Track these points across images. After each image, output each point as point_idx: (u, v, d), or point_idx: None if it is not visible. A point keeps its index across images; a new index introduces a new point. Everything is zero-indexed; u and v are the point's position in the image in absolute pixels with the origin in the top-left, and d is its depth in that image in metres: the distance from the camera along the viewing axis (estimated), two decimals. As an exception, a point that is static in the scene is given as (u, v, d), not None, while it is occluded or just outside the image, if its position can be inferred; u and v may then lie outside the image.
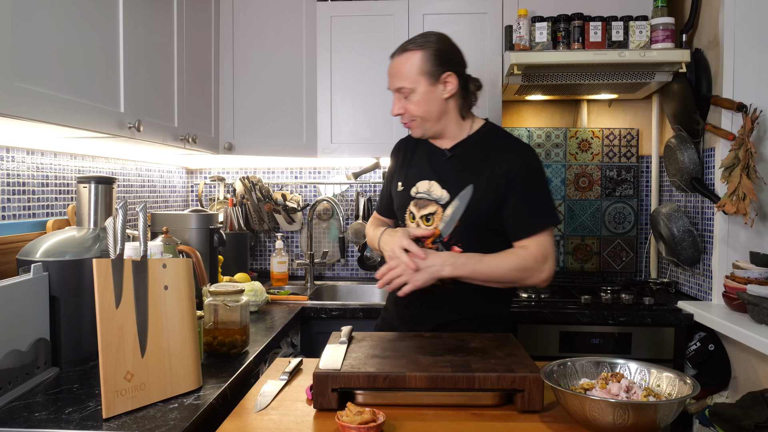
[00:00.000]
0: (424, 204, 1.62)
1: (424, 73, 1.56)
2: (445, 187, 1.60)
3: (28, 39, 1.24)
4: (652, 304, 2.25)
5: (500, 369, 1.17)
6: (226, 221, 2.73)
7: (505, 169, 1.55)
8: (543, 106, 2.90)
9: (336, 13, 2.57)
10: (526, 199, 1.55)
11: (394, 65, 1.60)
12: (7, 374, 1.21)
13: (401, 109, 1.60)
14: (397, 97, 1.61)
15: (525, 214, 1.55)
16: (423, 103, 1.57)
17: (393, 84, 1.60)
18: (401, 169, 1.72)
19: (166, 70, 1.95)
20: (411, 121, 1.61)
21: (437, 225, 1.59)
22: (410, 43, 1.59)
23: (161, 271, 1.24)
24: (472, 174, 1.58)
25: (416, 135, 1.65)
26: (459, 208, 1.56)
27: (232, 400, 1.32)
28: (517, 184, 1.55)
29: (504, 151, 1.58)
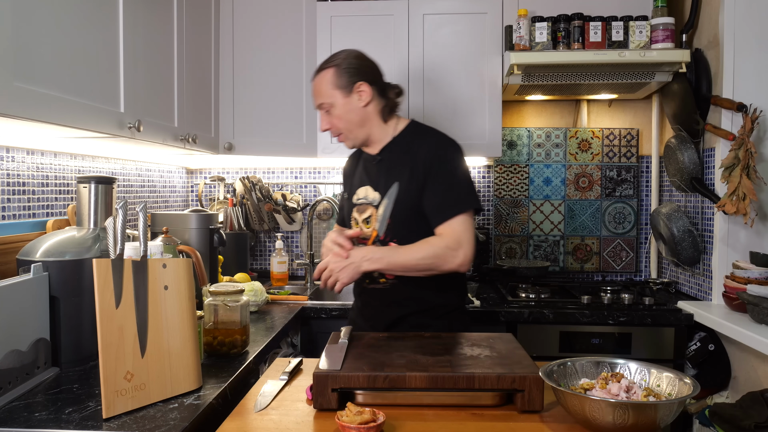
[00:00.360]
0: (363, 209, 1.74)
1: (337, 87, 1.68)
2: (376, 189, 1.71)
3: (29, 39, 1.24)
4: (652, 304, 2.25)
5: (500, 369, 1.16)
6: (226, 221, 2.73)
7: (422, 159, 1.64)
8: (543, 106, 2.90)
9: (336, 13, 2.57)
10: (440, 186, 1.62)
11: (314, 85, 1.73)
12: (7, 374, 1.21)
13: (328, 124, 1.73)
14: (322, 114, 1.73)
15: (439, 200, 1.62)
16: (343, 115, 1.69)
17: (315, 103, 1.74)
18: (347, 179, 1.87)
19: (166, 70, 1.95)
20: (339, 134, 1.73)
21: (375, 225, 1.69)
22: (323, 63, 1.73)
23: (161, 271, 1.24)
24: (398, 172, 1.67)
25: (348, 146, 1.77)
26: (388, 206, 1.67)
27: (232, 400, 1.32)
28: (432, 172, 1.62)
29: (422, 144, 1.68)
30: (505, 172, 2.88)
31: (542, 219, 2.87)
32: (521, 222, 2.88)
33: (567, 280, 2.82)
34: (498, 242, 2.90)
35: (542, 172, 2.87)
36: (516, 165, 2.88)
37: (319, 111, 1.74)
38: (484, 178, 2.92)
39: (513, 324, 2.20)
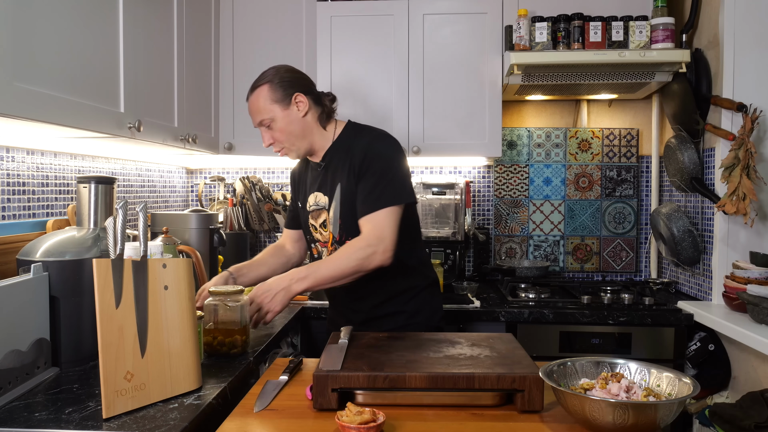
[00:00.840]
0: (317, 214, 1.77)
1: (274, 101, 1.68)
2: (325, 194, 1.74)
3: (29, 39, 1.24)
4: (652, 304, 2.25)
5: (500, 369, 1.16)
6: (226, 221, 2.73)
7: (358, 159, 1.66)
8: (543, 106, 2.90)
9: (336, 13, 2.57)
10: (370, 180, 1.63)
11: (250, 104, 1.71)
12: (7, 374, 1.21)
13: (270, 139, 1.71)
14: (263, 131, 1.71)
15: (367, 193, 1.63)
16: (285, 127, 1.68)
17: (255, 121, 1.71)
18: (297, 190, 1.88)
19: (166, 70, 1.95)
20: (282, 148, 1.72)
21: (330, 228, 1.74)
22: (254, 82, 1.71)
23: (161, 271, 1.24)
24: (341, 174, 1.70)
25: (293, 158, 1.77)
26: (336, 208, 1.70)
27: (232, 400, 1.32)
28: (365, 167, 1.65)
29: (357, 144, 1.70)
30: (505, 172, 2.89)
31: (542, 219, 2.87)
32: (521, 222, 2.88)
33: (567, 280, 2.82)
34: (498, 242, 2.90)
35: (542, 172, 2.87)
36: (516, 165, 2.88)
37: (260, 128, 1.73)
38: (484, 178, 2.92)
39: (513, 324, 2.20)
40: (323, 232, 1.76)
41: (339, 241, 1.72)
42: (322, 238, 1.77)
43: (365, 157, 1.65)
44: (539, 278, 2.65)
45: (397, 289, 1.74)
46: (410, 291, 1.76)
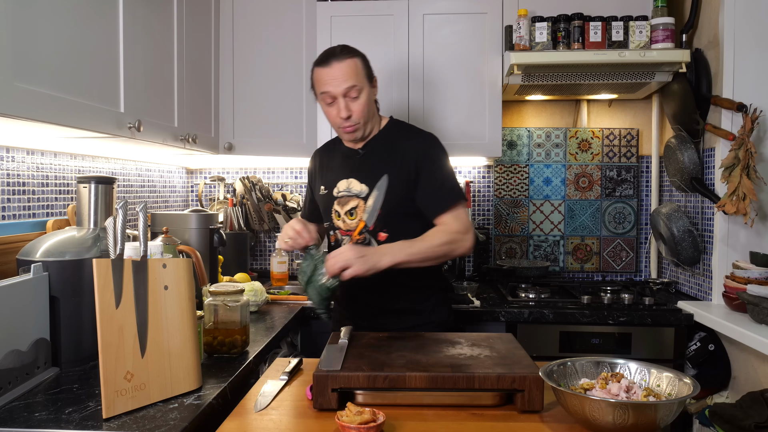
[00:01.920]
0: (345, 201, 1.75)
1: (365, 76, 1.70)
2: (363, 182, 1.73)
3: (29, 39, 1.24)
4: (652, 304, 2.25)
5: (500, 369, 1.17)
6: (226, 221, 2.73)
7: (413, 155, 1.71)
8: (543, 106, 2.90)
9: (336, 13, 2.57)
10: (436, 179, 1.71)
11: (339, 69, 1.66)
12: (7, 374, 1.21)
13: (349, 111, 1.68)
14: (342, 101, 1.67)
15: (437, 192, 1.70)
16: (366, 105, 1.70)
17: (341, 86, 1.66)
18: (321, 174, 1.86)
19: (166, 70, 1.95)
20: (355, 124, 1.70)
21: (361, 217, 1.72)
22: (344, 50, 1.70)
23: (161, 271, 1.24)
24: (386, 165, 1.71)
25: (357, 137, 1.75)
26: (378, 198, 1.70)
27: (232, 400, 1.32)
28: (426, 168, 1.71)
29: (410, 140, 1.75)
30: (505, 172, 2.88)
31: (542, 219, 2.87)
32: (521, 222, 2.88)
33: (567, 280, 2.82)
34: (498, 242, 2.90)
35: (542, 172, 2.87)
36: (516, 165, 2.88)
37: (337, 99, 1.68)
38: (484, 178, 2.92)
39: (513, 324, 2.20)
40: (348, 220, 1.75)
41: (371, 231, 1.72)
42: (344, 225, 1.75)
43: (425, 156, 1.71)
44: (539, 278, 2.65)
45: (415, 285, 1.76)
46: (426, 290, 1.80)
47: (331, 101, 1.69)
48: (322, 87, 1.69)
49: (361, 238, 1.73)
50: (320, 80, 1.70)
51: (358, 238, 1.73)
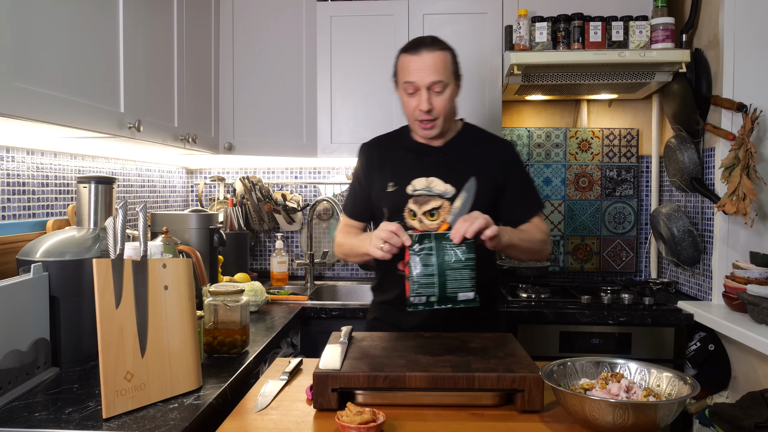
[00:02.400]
0: (425, 200, 1.64)
1: (453, 72, 1.63)
2: (448, 182, 1.64)
3: (29, 39, 1.24)
4: (652, 304, 2.25)
5: (500, 369, 1.17)
6: (226, 221, 2.73)
7: (501, 160, 1.69)
8: (543, 106, 2.90)
9: (336, 13, 2.57)
10: (522, 186, 1.71)
11: (427, 60, 1.58)
12: (7, 374, 1.21)
13: (431, 105, 1.59)
14: (425, 94, 1.58)
15: (523, 198, 1.70)
16: (449, 101, 1.62)
17: (427, 78, 1.57)
18: (382, 170, 1.72)
19: (166, 70, 1.95)
20: (435, 119, 1.62)
21: (444, 218, 1.62)
22: (436, 41, 1.62)
23: (161, 271, 1.24)
24: (471, 167, 1.64)
25: (434, 134, 1.66)
26: (468, 200, 1.58)
27: (232, 400, 1.32)
28: (514, 173, 1.69)
29: (493, 144, 1.73)
30: (505, 172, 2.88)
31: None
32: (521, 222, 2.88)
33: (567, 280, 2.82)
34: (498, 242, 2.89)
35: (542, 172, 2.87)
36: (516, 165, 2.88)
37: (420, 91, 1.59)
38: (484, 178, 2.92)
39: (513, 324, 2.20)
40: (427, 220, 1.64)
41: None
42: (420, 226, 1.63)
43: (512, 162, 1.70)
44: (539, 278, 2.65)
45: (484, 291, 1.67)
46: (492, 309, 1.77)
47: (413, 92, 1.60)
48: (407, 76, 1.60)
49: None
50: (405, 68, 1.61)
51: None
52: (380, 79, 2.56)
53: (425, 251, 1.33)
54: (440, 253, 1.33)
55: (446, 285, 1.32)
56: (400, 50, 1.65)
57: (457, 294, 1.32)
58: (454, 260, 1.32)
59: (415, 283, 1.30)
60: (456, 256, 1.33)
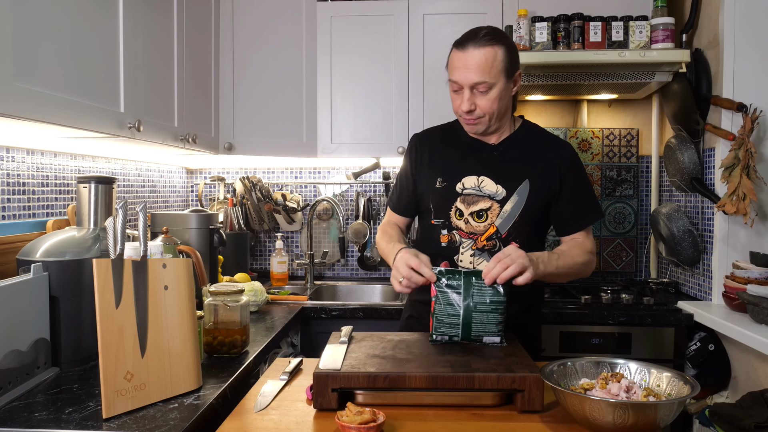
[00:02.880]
0: (473, 200, 1.57)
1: (504, 70, 1.50)
2: (499, 183, 1.57)
3: (29, 39, 1.25)
4: (652, 304, 2.25)
5: (500, 369, 1.16)
6: (226, 221, 2.73)
7: (558, 164, 1.58)
8: (543, 106, 2.90)
9: (336, 13, 2.57)
10: (579, 194, 1.60)
11: (473, 58, 1.47)
12: (7, 374, 1.21)
13: (473, 105, 1.51)
14: (467, 93, 1.50)
15: (580, 208, 1.60)
16: (497, 100, 1.51)
17: (470, 78, 1.48)
18: (431, 164, 1.64)
19: (166, 70, 1.95)
20: (478, 117, 1.53)
21: (493, 221, 1.56)
22: (487, 36, 1.49)
23: (161, 271, 1.24)
24: (526, 169, 1.57)
25: (478, 130, 1.58)
26: (519, 204, 1.55)
27: (232, 400, 1.32)
28: (570, 179, 1.58)
29: (551, 146, 1.61)
30: (505, 172, 2.88)
31: (542, 219, 2.87)
32: (521, 222, 2.88)
33: (567, 280, 2.82)
34: (498, 242, 2.90)
35: (542, 172, 2.87)
36: (516, 165, 2.88)
37: (461, 89, 1.51)
38: (484, 178, 2.92)
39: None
40: (474, 221, 1.56)
41: (503, 239, 1.55)
42: (466, 227, 1.56)
43: (570, 167, 1.59)
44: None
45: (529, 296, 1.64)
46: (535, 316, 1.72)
47: (458, 89, 1.52)
48: (452, 74, 1.52)
49: (488, 244, 1.55)
50: (452, 65, 1.52)
51: (484, 244, 1.55)
52: (380, 79, 2.56)
53: (453, 289, 1.28)
54: (468, 292, 1.28)
55: (471, 327, 1.27)
56: (454, 42, 1.54)
57: (481, 337, 1.29)
58: (482, 302, 1.27)
59: (439, 321, 1.27)
60: (484, 298, 1.27)
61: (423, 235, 1.68)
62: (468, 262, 1.56)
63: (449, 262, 1.49)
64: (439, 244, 1.59)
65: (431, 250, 1.53)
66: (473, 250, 1.56)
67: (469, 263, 1.56)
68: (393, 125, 2.58)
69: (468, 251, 1.56)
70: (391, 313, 2.25)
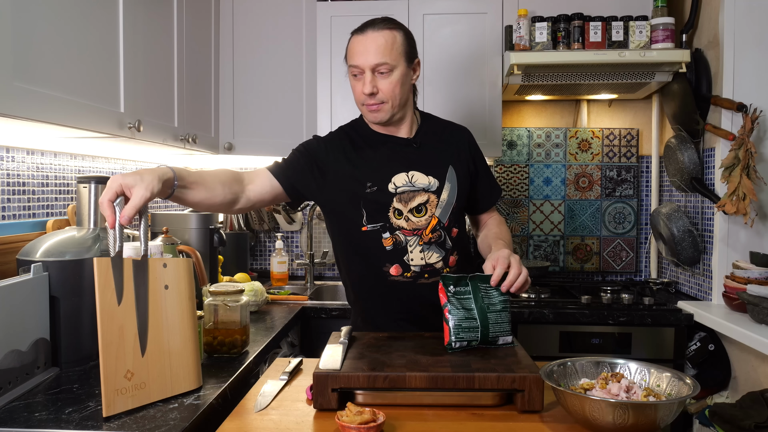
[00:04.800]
0: (410, 196, 1.55)
1: (404, 54, 1.53)
2: (429, 174, 1.57)
3: (29, 39, 1.24)
4: (652, 304, 2.25)
5: (500, 369, 1.16)
6: (226, 221, 2.73)
7: (466, 145, 1.68)
8: (543, 106, 2.90)
9: (336, 13, 2.57)
10: (488, 172, 1.72)
11: (373, 40, 1.49)
12: (7, 374, 1.21)
13: (374, 88, 1.51)
14: (369, 76, 1.51)
15: (490, 185, 1.73)
16: (398, 85, 1.52)
17: (370, 60, 1.49)
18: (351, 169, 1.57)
19: (166, 70, 1.95)
20: (381, 103, 1.53)
21: (433, 212, 1.56)
22: (384, 22, 1.52)
23: (161, 271, 1.24)
24: (446, 156, 1.63)
25: (381, 118, 1.56)
26: (452, 190, 1.59)
27: (232, 400, 1.32)
28: (479, 158, 1.70)
29: (454, 131, 1.70)
30: (505, 172, 2.88)
31: (542, 219, 2.87)
32: (521, 222, 2.88)
33: (567, 280, 2.82)
34: (498, 242, 2.90)
35: (542, 172, 2.87)
36: (516, 165, 2.88)
37: (364, 73, 1.51)
38: (484, 178, 2.92)
39: (513, 324, 2.20)
40: (414, 217, 1.55)
41: (446, 228, 1.57)
42: (408, 224, 1.55)
43: (476, 147, 1.71)
44: (539, 278, 2.65)
45: None
46: None
47: (358, 73, 1.53)
48: (352, 59, 1.53)
49: (434, 236, 1.55)
50: (351, 50, 1.53)
51: (429, 237, 1.55)
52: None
53: (463, 294, 1.30)
54: (477, 296, 1.30)
55: (489, 329, 1.29)
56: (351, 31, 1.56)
57: (497, 338, 1.31)
58: (491, 303, 1.30)
59: (458, 327, 1.27)
60: (493, 299, 1.31)
61: (353, 245, 1.60)
62: (419, 258, 1.55)
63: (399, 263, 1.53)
64: (384, 249, 1.55)
65: (375, 258, 1.54)
66: (421, 246, 1.56)
67: (420, 259, 1.56)
68: (393, 125, 2.58)
69: (416, 248, 1.56)
70: (391, 313, 2.25)
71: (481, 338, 1.29)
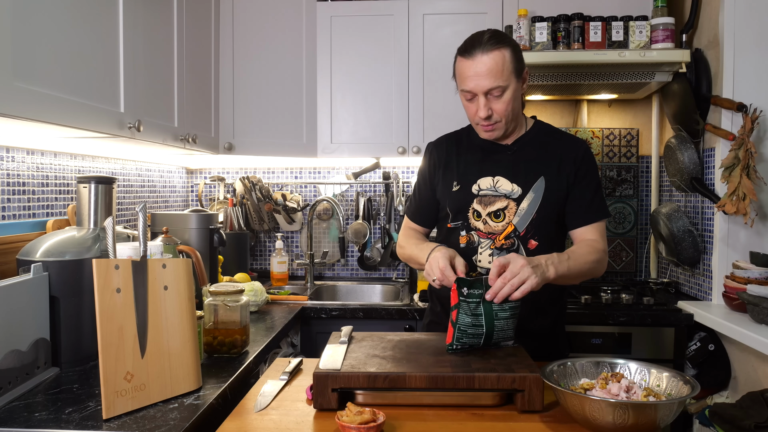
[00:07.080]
0: (490, 200, 1.58)
1: (514, 70, 1.49)
2: (515, 182, 1.57)
3: (29, 39, 1.25)
4: (652, 304, 2.25)
5: (500, 369, 1.16)
6: (226, 221, 2.73)
7: (572, 159, 1.58)
8: (543, 106, 2.90)
9: (336, 13, 2.57)
10: (590, 188, 1.58)
11: (483, 64, 1.46)
12: (7, 374, 1.21)
13: (490, 110, 1.50)
14: (482, 99, 1.49)
15: (588, 202, 1.58)
16: (512, 102, 1.50)
17: (484, 85, 1.47)
18: (447, 169, 1.65)
19: (166, 70, 1.95)
20: (495, 123, 1.53)
21: (510, 219, 1.56)
22: (492, 39, 1.48)
23: (161, 271, 1.24)
24: (541, 166, 1.58)
25: (496, 135, 1.57)
26: (535, 201, 1.55)
27: (232, 400, 1.32)
28: (585, 174, 1.58)
29: (565, 143, 1.62)
30: (505, 172, 2.88)
31: (542, 219, 2.87)
32: (521, 222, 2.88)
33: (567, 280, 2.82)
34: (498, 242, 2.89)
35: (542, 172, 2.87)
36: (516, 165, 2.88)
37: (476, 96, 1.50)
38: (484, 178, 2.92)
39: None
40: (492, 221, 1.56)
41: (521, 237, 1.55)
42: (485, 227, 1.56)
43: (584, 162, 1.58)
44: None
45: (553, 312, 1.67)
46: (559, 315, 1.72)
47: (471, 97, 1.51)
48: (462, 84, 1.51)
49: (507, 243, 1.55)
50: (461, 75, 1.50)
51: (502, 243, 1.55)
52: (380, 79, 2.56)
53: (475, 298, 1.29)
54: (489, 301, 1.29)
55: (492, 335, 1.30)
56: (457, 50, 1.53)
57: (500, 343, 1.33)
58: (502, 310, 1.30)
59: (462, 331, 1.28)
60: (504, 306, 1.30)
61: (440, 240, 1.67)
62: (487, 262, 1.57)
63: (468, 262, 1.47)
64: (459, 246, 1.59)
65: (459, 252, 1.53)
66: (492, 250, 1.56)
67: (489, 262, 1.56)
68: (393, 125, 2.58)
69: (486, 251, 1.57)
70: (391, 313, 2.25)
71: (484, 343, 1.30)
